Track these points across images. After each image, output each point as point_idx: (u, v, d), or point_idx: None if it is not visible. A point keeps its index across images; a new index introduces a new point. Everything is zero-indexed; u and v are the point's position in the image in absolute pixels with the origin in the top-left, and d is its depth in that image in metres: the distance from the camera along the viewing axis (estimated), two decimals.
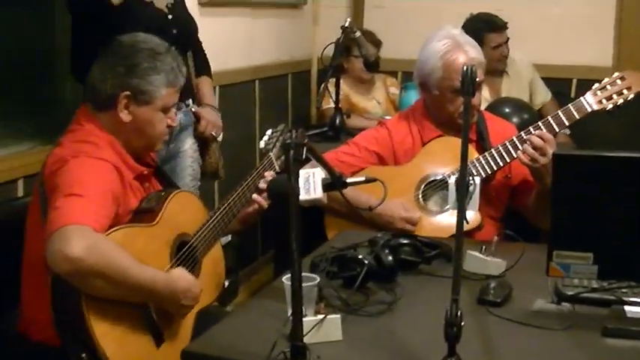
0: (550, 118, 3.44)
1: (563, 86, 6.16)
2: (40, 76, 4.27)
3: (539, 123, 3.44)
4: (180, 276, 2.74)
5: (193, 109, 4.05)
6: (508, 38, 5.62)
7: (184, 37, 3.93)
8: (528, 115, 4.81)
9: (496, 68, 5.50)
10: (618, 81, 3.45)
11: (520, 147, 3.39)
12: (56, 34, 4.31)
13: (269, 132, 3.26)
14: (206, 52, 4.22)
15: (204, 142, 4.18)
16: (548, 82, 5.84)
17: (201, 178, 4.19)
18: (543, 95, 5.81)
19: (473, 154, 3.51)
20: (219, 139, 4.22)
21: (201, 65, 4.25)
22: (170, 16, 3.86)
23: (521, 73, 5.79)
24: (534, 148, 3.31)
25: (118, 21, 3.44)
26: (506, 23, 5.59)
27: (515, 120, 4.55)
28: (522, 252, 2.91)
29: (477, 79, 2.94)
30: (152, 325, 2.70)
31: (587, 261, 2.42)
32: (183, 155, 4.04)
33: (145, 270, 2.59)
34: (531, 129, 3.42)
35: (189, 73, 4.06)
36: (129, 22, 3.44)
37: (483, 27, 5.41)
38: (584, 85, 5.26)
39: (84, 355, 2.52)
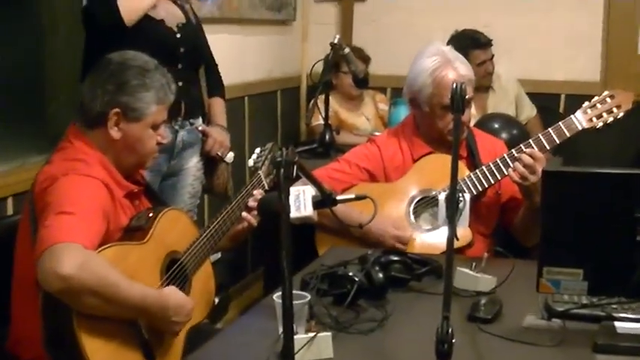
0: (541, 136, 3.45)
1: (552, 101, 6.19)
2: (29, 94, 4.27)
3: (530, 141, 3.45)
4: (172, 293, 2.73)
5: (200, 128, 4.08)
6: (493, 55, 5.64)
7: (192, 56, 3.99)
8: (517, 131, 4.82)
9: (481, 84, 5.50)
10: (608, 99, 3.47)
11: (511, 164, 3.40)
12: (46, 54, 4.32)
13: (258, 150, 3.27)
14: None
15: (212, 162, 4.21)
16: (537, 97, 5.85)
17: (210, 198, 4.20)
18: (528, 110, 5.82)
19: (464, 171, 3.52)
20: (229, 159, 4.24)
21: (215, 86, 4.29)
22: (179, 35, 3.93)
23: (506, 88, 5.80)
24: (525, 165, 3.32)
25: (128, 38, 3.56)
26: (490, 40, 5.60)
27: (504, 136, 4.56)
28: (512, 268, 2.92)
29: (467, 96, 2.95)
30: (143, 342, 2.69)
31: (577, 277, 2.43)
32: (186, 173, 4.07)
33: (136, 287, 2.59)
34: (522, 146, 3.43)
35: (200, 92, 4.12)
36: (139, 39, 3.56)
37: (468, 44, 5.42)
38: (573, 101, 5.30)
39: None
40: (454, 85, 2.43)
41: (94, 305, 2.48)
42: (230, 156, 4.25)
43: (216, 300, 3.18)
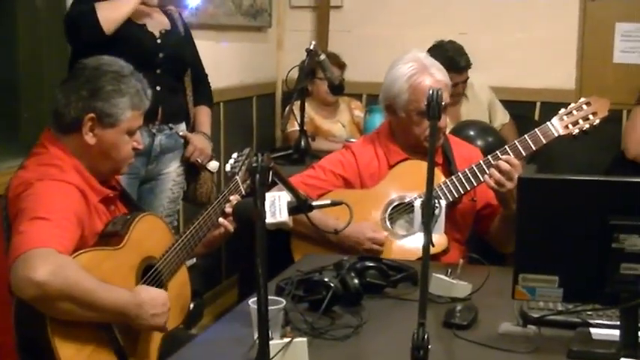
0: (517, 143, 3.45)
1: (528, 109, 6.21)
2: (4, 99, 4.26)
3: (507, 147, 3.46)
4: (144, 289, 2.72)
5: (181, 133, 4.08)
6: (467, 77, 5.61)
7: (172, 62, 4.00)
8: (492, 138, 4.83)
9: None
10: (584, 106, 3.47)
11: (487, 171, 3.41)
12: (21, 58, 4.31)
13: (235, 155, 3.27)
14: None
15: (195, 170, 4.21)
16: (513, 105, 5.87)
17: (193, 207, 4.20)
18: (502, 117, 5.83)
19: (440, 177, 3.52)
20: (213, 169, 4.24)
21: (203, 96, 4.35)
22: (159, 41, 3.97)
23: (479, 96, 5.79)
24: (501, 172, 3.32)
25: (109, 43, 3.62)
26: (469, 64, 5.57)
27: (479, 143, 4.57)
28: (488, 275, 2.93)
29: (443, 102, 2.95)
30: (117, 348, 2.68)
31: (553, 284, 2.43)
32: (165, 177, 4.08)
33: (110, 290, 2.58)
34: (498, 153, 3.44)
35: (185, 99, 4.12)
36: (119, 42, 3.65)
37: (445, 64, 5.36)
38: (548, 108, 5.31)
39: None
40: (430, 92, 2.44)
41: (68, 311, 2.48)
42: (214, 165, 4.26)
43: (191, 305, 3.16)
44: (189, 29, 4.25)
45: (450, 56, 5.34)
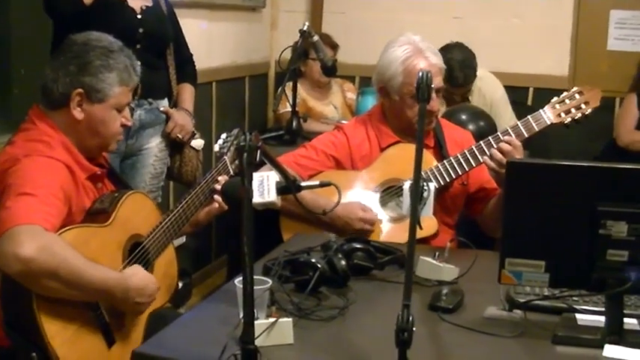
0: (510, 129, 3.45)
1: (521, 95, 6.21)
2: None
3: (499, 134, 3.45)
4: (134, 274, 2.72)
5: (162, 108, 4.07)
6: (468, 90, 5.50)
7: (152, 38, 4.00)
8: (484, 123, 4.81)
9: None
10: (577, 95, 3.47)
11: (480, 158, 3.41)
12: (11, 35, 4.29)
13: (224, 135, 3.24)
14: None
15: (179, 147, 4.20)
16: (506, 90, 5.84)
17: (179, 186, 4.18)
18: (506, 122, 5.65)
19: (431, 161, 3.52)
20: (197, 146, 4.23)
21: (187, 74, 4.33)
22: (140, 16, 3.96)
23: (484, 90, 5.67)
24: (503, 153, 3.32)
25: (89, 15, 3.57)
26: (467, 81, 5.40)
27: (471, 127, 4.55)
28: (475, 259, 2.93)
29: (434, 86, 2.95)
30: (103, 326, 2.68)
31: (539, 269, 2.43)
32: (147, 153, 4.07)
33: (98, 269, 2.58)
34: (491, 139, 3.43)
35: (167, 76, 4.11)
36: (99, 16, 3.59)
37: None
38: (541, 94, 5.32)
39: (34, 354, 2.50)
40: (420, 74, 2.43)
41: (54, 288, 2.47)
42: (199, 143, 4.24)
43: (180, 285, 3.16)
44: (172, 7, 4.22)
45: (451, 67, 5.02)
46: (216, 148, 3.18)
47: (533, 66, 6.31)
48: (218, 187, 3.16)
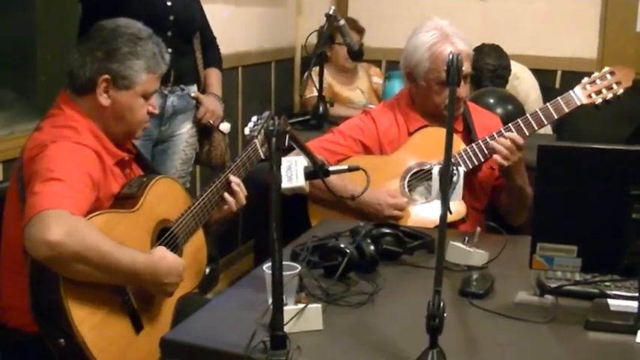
0: (539, 111, 3.42)
1: (549, 78, 6.16)
2: (20, 62, 4.25)
3: (528, 116, 3.42)
4: (162, 255, 2.72)
5: (192, 94, 4.08)
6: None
7: (182, 25, 4.01)
8: (512, 107, 4.77)
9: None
10: (608, 75, 3.42)
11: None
12: (38, 22, 4.30)
13: (254, 118, 3.24)
14: None
15: (208, 132, 4.21)
16: (533, 73, 5.80)
17: (204, 168, 4.19)
18: None
19: (460, 145, 3.49)
20: (225, 130, 4.25)
21: (212, 58, 4.34)
22: (169, 3, 3.95)
23: (513, 82, 5.59)
24: (506, 148, 3.31)
25: (120, 3, 3.55)
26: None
27: (499, 111, 4.52)
28: (505, 244, 2.90)
29: (464, 71, 2.92)
30: (131, 311, 2.68)
31: (571, 254, 2.41)
32: (178, 139, 4.09)
33: (126, 252, 2.57)
34: (520, 121, 3.41)
35: (195, 62, 4.13)
36: (130, 4, 3.60)
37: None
38: (570, 77, 5.26)
39: (61, 340, 2.50)
40: (450, 57, 2.40)
41: (82, 272, 2.47)
42: (226, 126, 4.26)
43: (207, 270, 3.16)
44: None
45: (480, 73, 5.12)
46: (246, 131, 3.18)
47: (561, 49, 6.25)
48: (235, 187, 3.14)
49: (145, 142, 3.78)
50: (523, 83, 5.57)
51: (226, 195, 3.12)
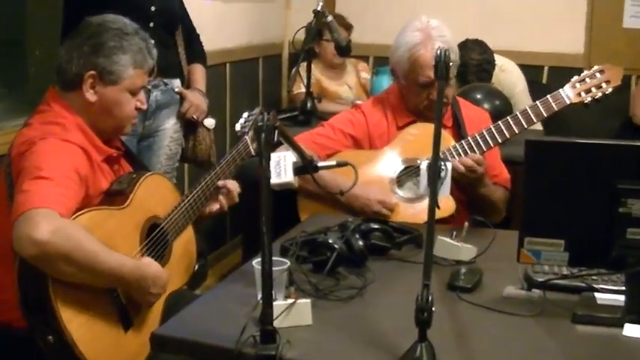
0: (529, 109, 3.43)
1: (536, 73, 6.17)
2: (9, 57, 4.24)
3: (518, 114, 3.43)
4: (149, 263, 2.72)
5: (176, 89, 4.08)
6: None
7: (164, 16, 4.00)
8: (500, 102, 4.78)
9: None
10: (597, 74, 3.43)
11: (497, 136, 3.43)
12: (26, 16, 4.29)
13: (245, 115, 3.24)
14: None
15: (193, 127, 4.21)
16: (521, 68, 5.81)
17: (192, 166, 4.19)
18: None
19: (449, 141, 3.49)
20: (209, 125, 4.25)
21: (196, 54, 4.35)
22: None
23: (499, 76, 5.59)
24: (468, 166, 3.34)
25: None
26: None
27: (486, 106, 4.52)
28: (493, 238, 2.92)
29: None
30: (120, 308, 2.68)
31: (558, 248, 2.42)
32: (163, 134, 4.09)
33: (113, 255, 2.57)
34: (509, 119, 3.42)
35: (178, 56, 4.11)
36: None
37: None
38: (557, 72, 5.27)
39: (50, 337, 2.50)
40: (438, 52, 2.41)
41: (68, 272, 2.47)
42: (210, 122, 4.26)
43: (196, 266, 3.16)
44: None
45: (465, 69, 5.08)
46: (237, 127, 3.17)
47: (549, 44, 6.26)
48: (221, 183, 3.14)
49: (130, 137, 3.77)
50: (509, 75, 5.56)
51: (220, 197, 3.14)
